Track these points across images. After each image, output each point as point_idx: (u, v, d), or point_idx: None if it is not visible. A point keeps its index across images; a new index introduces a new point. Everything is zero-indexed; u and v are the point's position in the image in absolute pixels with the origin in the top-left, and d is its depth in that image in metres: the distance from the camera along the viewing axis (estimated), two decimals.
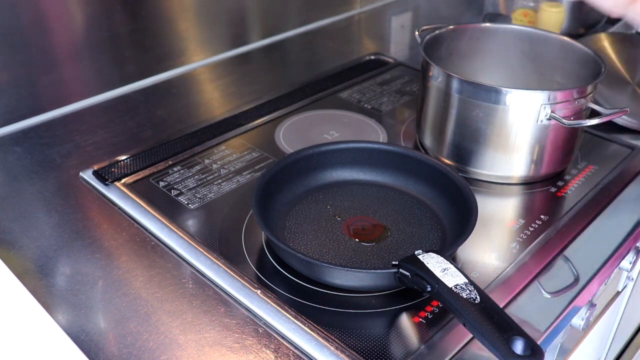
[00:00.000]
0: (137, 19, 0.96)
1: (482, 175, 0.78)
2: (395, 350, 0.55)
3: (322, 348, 0.54)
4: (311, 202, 0.71)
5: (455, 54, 0.88)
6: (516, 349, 0.46)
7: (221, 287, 0.61)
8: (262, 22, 1.17)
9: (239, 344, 0.55)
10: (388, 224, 0.68)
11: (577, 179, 0.79)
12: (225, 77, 1.06)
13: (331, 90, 0.99)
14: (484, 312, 0.49)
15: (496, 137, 0.74)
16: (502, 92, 0.71)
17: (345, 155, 0.74)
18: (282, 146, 0.84)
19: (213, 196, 0.74)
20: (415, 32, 0.85)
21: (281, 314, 0.57)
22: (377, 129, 0.89)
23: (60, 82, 0.91)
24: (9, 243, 0.67)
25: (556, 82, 0.86)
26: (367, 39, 1.29)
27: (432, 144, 0.81)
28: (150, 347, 0.55)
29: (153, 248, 0.66)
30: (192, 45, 1.07)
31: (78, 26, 0.90)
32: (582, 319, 0.69)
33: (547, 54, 0.86)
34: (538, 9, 1.16)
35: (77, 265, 0.64)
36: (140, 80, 1.01)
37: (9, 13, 0.82)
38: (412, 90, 1.01)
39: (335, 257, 0.63)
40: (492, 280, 0.63)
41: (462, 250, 0.66)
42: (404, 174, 0.74)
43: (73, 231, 0.69)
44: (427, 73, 0.78)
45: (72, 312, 0.58)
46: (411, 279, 0.54)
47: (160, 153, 0.81)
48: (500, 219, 0.72)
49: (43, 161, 0.81)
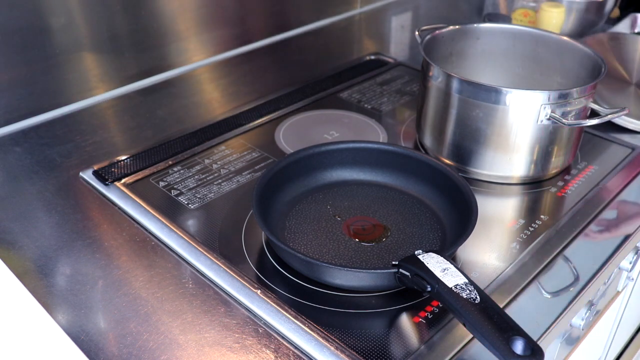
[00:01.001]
0: (137, 19, 0.96)
1: (482, 175, 0.78)
2: (395, 350, 0.55)
3: (322, 348, 0.54)
4: (311, 202, 0.71)
5: (455, 54, 0.88)
6: (516, 349, 0.46)
7: (221, 287, 0.61)
8: (262, 22, 1.17)
9: (239, 344, 0.55)
10: (388, 224, 0.68)
11: (577, 179, 0.79)
12: (225, 77, 1.06)
13: (331, 90, 0.99)
14: (484, 312, 0.49)
15: (496, 137, 0.74)
16: (502, 92, 0.71)
17: (345, 155, 0.74)
18: (282, 146, 0.84)
19: (213, 196, 0.74)
20: (415, 32, 0.85)
21: (281, 314, 0.57)
22: (377, 129, 0.89)
23: (60, 82, 0.91)
24: (9, 243, 0.67)
25: (556, 82, 0.86)
26: (367, 39, 1.29)
27: (432, 144, 0.81)
28: (150, 347, 0.55)
29: (153, 248, 0.66)
30: (192, 45, 1.07)
31: (78, 26, 0.90)
32: (582, 319, 0.69)
33: (547, 54, 0.86)
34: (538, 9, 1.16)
35: (77, 265, 0.64)
36: (140, 80, 1.01)
37: (9, 13, 0.82)
38: (412, 90, 1.01)
39: (335, 257, 0.63)
40: (492, 280, 0.63)
41: (462, 250, 0.66)
42: (404, 174, 0.74)
43: (73, 231, 0.69)
44: (427, 73, 0.78)
45: (72, 312, 0.58)
46: (411, 279, 0.54)
47: (160, 153, 0.81)
48: (500, 219, 0.72)
49: (43, 161, 0.81)
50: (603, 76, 0.74)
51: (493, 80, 0.86)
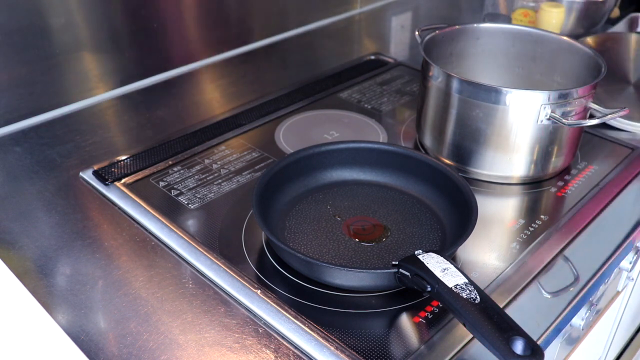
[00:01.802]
0: (137, 19, 0.96)
1: (482, 175, 0.78)
2: (395, 350, 0.55)
3: (322, 348, 0.54)
4: (311, 202, 0.71)
5: (455, 54, 0.88)
6: (516, 349, 0.46)
7: (221, 287, 0.61)
8: (262, 22, 1.17)
9: (239, 344, 0.55)
10: (388, 224, 0.68)
11: (577, 179, 0.79)
12: (225, 77, 1.06)
13: (331, 90, 0.99)
14: (484, 312, 0.49)
15: (496, 137, 0.74)
16: (502, 92, 0.71)
17: (345, 155, 0.74)
18: (282, 146, 0.84)
19: (213, 196, 0.74)
20: (415, 32, 0.85)
21: (281, 314, 0.57)
22: (377, 129, 0.89)
23: (60, 82, 0.91)
24: (9, 243, 0.67)
25: (556, 82, 0.86)
26: (367, 39, 1.29)
27: (432, 144, 0.81)
28: (150, 347, 0.55)
29: (153, 248, 0.66)
30: (192, 45, 1.07)
31: (78, 26, 0.90)
32: (582, 319, 0.69)
33: (547, 54, 0.86)
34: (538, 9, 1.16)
35: (77, 265, 0.64)
36: (140, 80, 1.01)
37: (10, 13, 0.82)
38: (412, 90, 1.01)
39: (335, 257, 0.63)
40: (492, 280, 0.63)
41: (462, 250, 0.66)
42: (404, 174, 0.74)
43: (73, 231, 0.69)
44: (427, 73, 0.78)
45: (72, 312, 0.58)
46: (411, 279, 0.54)
47: (160, 153, 0.81)
48: (500, 219, 0.72)
49: (43, 161, 0.81)
50: (603, 76, 0.74)
51: (493, 80, 0.86)
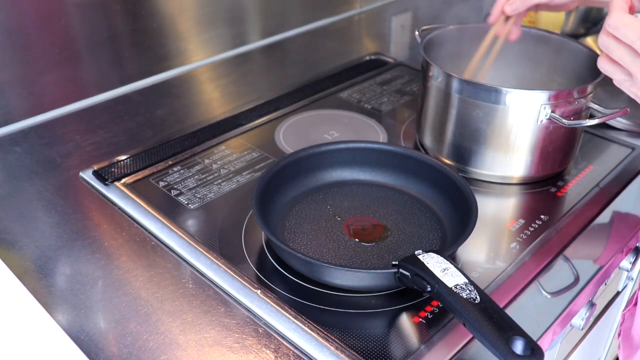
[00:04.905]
0: (137, 19, 0.96)
1: (482, 175, 0.78)
2: (395, 350, 0.55)
3: (322, 348, 0.54)
4: (311, 202, 0.71)
5: (455, 54, 0.88)
6: (516, 348, 0.46)
7: (221, 287, 0.61)
8: (262, 22, 1.17)
9: (239, 344, 0.55)
10: (388, 224, 0.68)
11: (577, 179, 0.79)
12: (225, 77, 1.06)
13: (331, 90, 0.99)
14: (484, 312, 0.48)
15: (496, 137, 0.74)
16: (502, 92, 0.71)
17: (345, 155, 0.74)
18: (282, 146, 0.84)
19: (213, 196, 0.74)
20: (415, 32, 0.85)
21: (281, 314, 0.57)
22: (377, 129, 0.89)
23: (60, 82, 0.91)
24: (9, 243, 0.67)
25: (556, 82, 0.86)
26: (367, 39, 1.29)
27: (432, 144, 0.81)
28: (150, 347, 0.55)
29: (153, 248, 0.66)
30: (192, 45, 1.07)
31: (78, 26, 0.90)
32: (582, 319, 0.69)
33: (547, 54, 0.86)
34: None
35: (77, 265, 0.64)
36: (140, 80, 1.01)
37: (10, 13, 0.82)
38: (412, 90, 1.01)
39: (335, 257, 0.63)
40: (492, 280, 0.63)
41: (462, 250, 0.66)
42: (404, 174, 0.74)
43: (73, 231, 0.69)
44: (427, 73, 0.78)
45: (72, 312, 0.58)
46: (411, 279, 0.54)
47: (160, 153, 0.81)
48: (500, 219, 0.72)
49: (43, 161, 0.81)
50: (603, 76, 0.74)
51: (493, 80, 0.86)
